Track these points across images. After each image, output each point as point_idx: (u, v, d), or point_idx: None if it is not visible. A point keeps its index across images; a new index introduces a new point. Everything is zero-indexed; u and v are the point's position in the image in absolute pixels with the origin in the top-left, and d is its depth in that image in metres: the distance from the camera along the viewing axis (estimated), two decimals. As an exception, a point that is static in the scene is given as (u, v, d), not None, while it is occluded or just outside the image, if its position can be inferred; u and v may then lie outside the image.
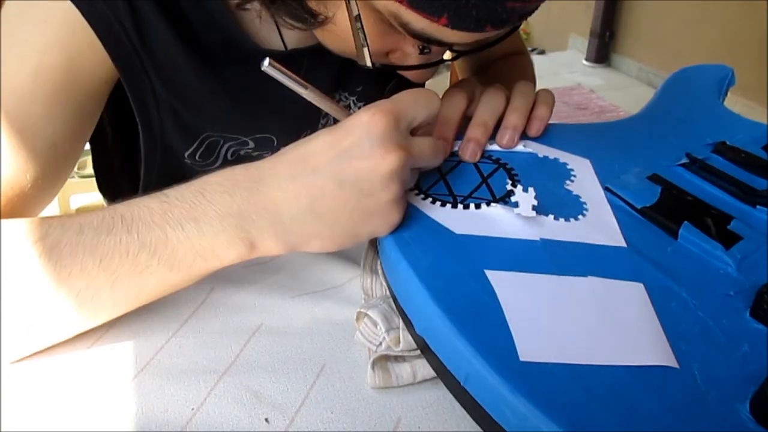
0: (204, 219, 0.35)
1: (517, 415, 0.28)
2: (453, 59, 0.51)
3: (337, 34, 0.44)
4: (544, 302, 0.33)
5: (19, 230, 0.35)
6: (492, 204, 0.40)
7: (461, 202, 0.40)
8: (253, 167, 0.37)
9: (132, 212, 0.35)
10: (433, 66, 0.45)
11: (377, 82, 0.62)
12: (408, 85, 0.47)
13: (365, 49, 0.41)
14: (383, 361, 0.37)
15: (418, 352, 0.36)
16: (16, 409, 0.34)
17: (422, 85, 0.56)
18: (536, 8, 0.41)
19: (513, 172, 0.44)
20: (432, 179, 0.43)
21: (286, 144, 0.38)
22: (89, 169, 1.98)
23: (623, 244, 0.38)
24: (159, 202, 0.36)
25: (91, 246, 0.34)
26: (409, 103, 0.38)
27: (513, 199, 0.40)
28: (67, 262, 0.34)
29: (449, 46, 0.44)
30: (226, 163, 0.58)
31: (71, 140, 0.45)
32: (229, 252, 0.36)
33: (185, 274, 0.36)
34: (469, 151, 0.45)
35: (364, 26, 0.40)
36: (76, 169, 2.08)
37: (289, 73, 0.38)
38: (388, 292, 0.38)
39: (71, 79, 0.43)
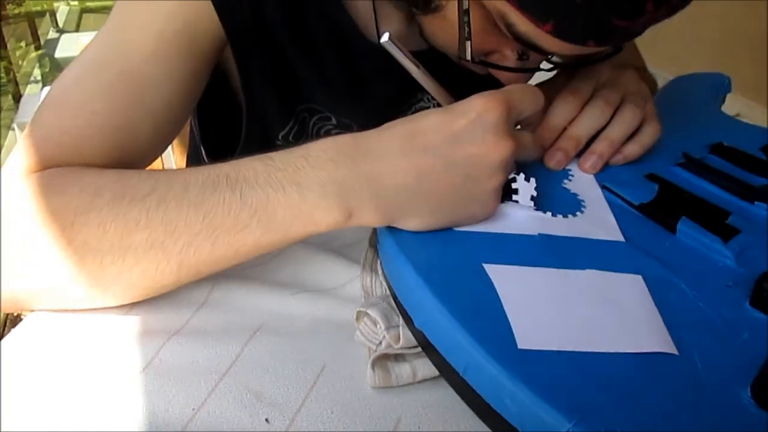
0: (306, 183, 0.36)
1: (516, 403, 0.28)
2: (549, 70, 0.49)
3: (444, 27, 0.45)
4: (543, 293, 0.33)
5: (128, 181, 0.37)
6: (490, 202, 0.40)
7: (459, 201, 0.41)
8: (360, 137, 0.37)
9: (237, 172, 0.37)
10: (528, 72, 0.44)
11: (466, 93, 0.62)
12: None
13: (468, 43, 0.41)
14: (383, 360, 0.36)
15: (418, 349, 0.36)
16: (16, 408, 0.34)
17: None
18: (641, 32, 0.39)
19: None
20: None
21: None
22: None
23: (621, 238, 0.38)
24: (264, 164, 0.37)
25: (196, 202, 0.36)
26: (519, 96, 0.38)
27: (514, 185, 0.40)
28: (172, 217, 0.36)
29: (547, 56, 0.43)
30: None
31: (184, 102, 0.47)
32: (326, 218, 0.36)
33: (282, 235, 0.37)
34: (555, 160, 0.45)
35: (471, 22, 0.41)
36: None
37: (404, 50, 0.41)
38: (387, 291, 0.38)
39: (189, 44, 0.46)
